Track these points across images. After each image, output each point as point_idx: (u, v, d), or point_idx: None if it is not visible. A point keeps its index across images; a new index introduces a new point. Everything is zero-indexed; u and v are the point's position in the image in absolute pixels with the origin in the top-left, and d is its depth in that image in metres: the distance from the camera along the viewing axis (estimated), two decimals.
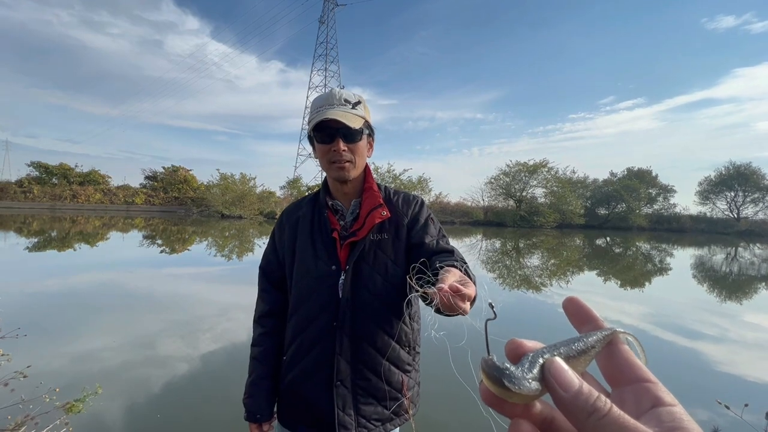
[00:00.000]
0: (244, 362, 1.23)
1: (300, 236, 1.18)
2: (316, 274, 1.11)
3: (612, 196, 38.66)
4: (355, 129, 1.07)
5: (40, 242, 11.91)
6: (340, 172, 1.10)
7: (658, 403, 0.23)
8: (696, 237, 31.23)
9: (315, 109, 1.09)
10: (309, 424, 1.11)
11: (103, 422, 2.45)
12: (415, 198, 1.25)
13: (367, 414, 1.07)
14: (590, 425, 0.21)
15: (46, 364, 3.20)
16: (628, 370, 0.26)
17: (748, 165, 39.89)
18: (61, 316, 4.66)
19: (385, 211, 1.12)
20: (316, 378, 1.09)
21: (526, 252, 14.76)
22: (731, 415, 1.05)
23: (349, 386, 1.07)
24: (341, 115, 1.05)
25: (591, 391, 0.22)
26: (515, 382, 0.22)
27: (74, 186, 36.45)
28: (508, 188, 36.84)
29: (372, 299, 1.09)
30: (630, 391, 0.25)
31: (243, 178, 33.89)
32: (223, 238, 15.85)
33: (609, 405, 0.21)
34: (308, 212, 1.21)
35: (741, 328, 5.32)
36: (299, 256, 1.16)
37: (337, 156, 1.08)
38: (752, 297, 7.69)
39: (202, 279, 7.46)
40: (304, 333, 1.12)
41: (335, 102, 1.08)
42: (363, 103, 1.15)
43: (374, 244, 1.12)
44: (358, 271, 1.09)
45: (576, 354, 0.25)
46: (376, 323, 1.09)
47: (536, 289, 7.41)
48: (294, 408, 1.13)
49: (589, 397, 0.22)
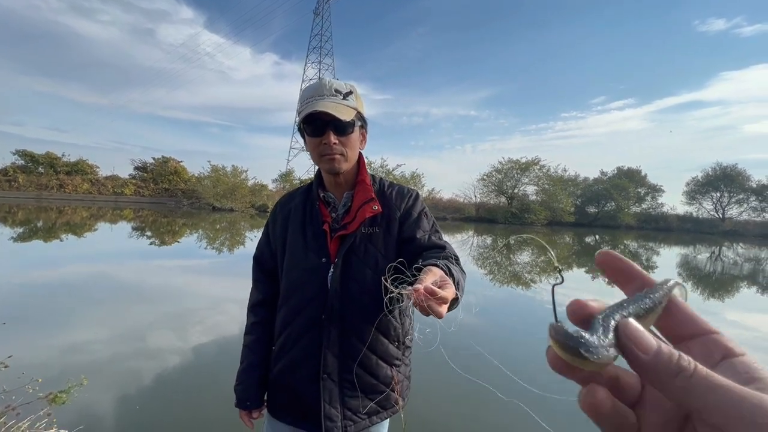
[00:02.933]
0: (234, 355, 1.23)
1: (291, 228, 1.17)
2: (305, 265, 1.11)
3: (602, 194, 39.14)
4: (347, 121, 1.03)
5: (25, 233, 11.67)
6: (331, 164, 1.08)
7: (728, 353, 0.22)
8: (682, 236, 31.83)
9: (304, 100, 1.05)
10: (296, 415, 1.11)
11: (88, 413, 2.42)
12: (410, 191, 1.21)
13: (353, 407, 1.07)
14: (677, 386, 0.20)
15: (30, 356, 3.15)
16: (691, 322, 0.25)
17: (734, 166, 40.66)
18: (46, 307, 4.58)
19: (377, 206, 1.10)
20: (303, 370, 1.08)
21: (517, 249, 14.90)
22: None
23: (336, 379, 1.06)
24: (331, 107, 1.01)
25: (672, 351, 0.21)
26: (593, 351, 0.21)
27: (61, 176, 35.65)
28: (500, 185, 37.10)
29: (361, 293, 1.07)
30: (695, 344, 0.24)
31: (235, 170, 33.54)
32: (214, 230, 15.70)
33: (694, 364, 0.20)
34: (300, 203, 1.20)
35: (723, 326, 5.44)
36: (290, 248, 1.15)
37: (327, 149, 1.06)
38: (734, 295, 7.89)
39: (192, 271, 7.39)
40: (292, 324, 1.11)
41: (325, 92, 1.04)
42: (355, 92, 1.10)
43: (365, 237, 1.10)
44: (347, 264, 1.08)
45: (644, 312, 0.24)
46: (364, 317, 1.07)
47: (525, 286, 7.50)
48: (281, 399, 1.14)
49: (672, 357, 0.21)
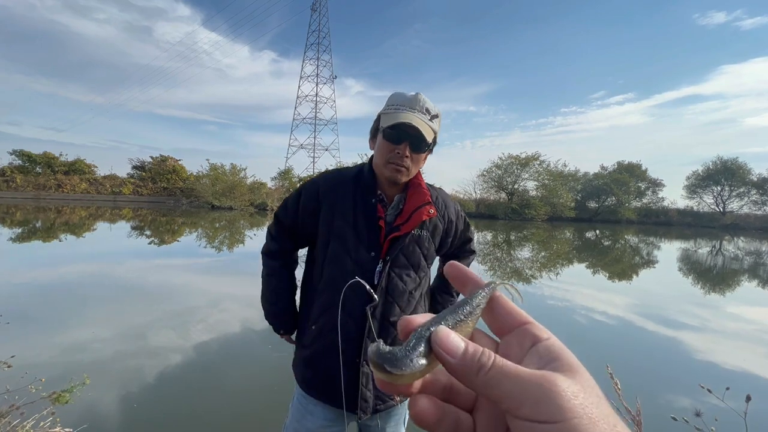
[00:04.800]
0: (236, 353, 1.23)
1: (339, 215, 1.18)
2: (355, 257, 1.14)
3: (602, 189, 39.10)
4: (426, 141, 1.09)
5: (24, 233, 11.66)
6: (395, 174, 1.13)
7: (536, 340, 0.25)
8: (683, 230, 31.86)
9: (394, 106, 1.10)
10: (329, 394, 1.16)
11: (92, 412, 2.42)
12: (455, 206, 1.33)
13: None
14: (480, 382, 0.22)
15: (33, 355, 3.14)
16: (509, 317, 0.27)
17: (734, 160, 40.54)
18: (47, 307, 4.58)
19: (433, 209, 1.17)
20: (342, 355, 1.12)
21: (517, 244, 14.90)
22: (714, 402, 1.08)
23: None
24: (420, 123, 1.06)
25: (476, 349, 0.23)
26: (397, 364, 0.22)
27: (59, 175, 35.50)
28: (500, 181, 37.01)
29: (404, 289, 1.17)
30: (513, 336, 0.26)
31: (233, 168, 33.41)
32: (213, 229, 15.69)
33: (492, 357, 0.22)
34: (350, 194, 1.20)
35: (724, 319, 5.47)
36: (338, 236, 1.17)
37: (398, 159, 1.11)
38: (735, 289, 7.90)
39: (192, 270, 7.39)
40: (334, 311, 1.13)
41: (417, 107, 1.09)
42: (439, 117, 1.17)
43: (414, 238, 1.18)
44: (396, 262, 1.16)
45: (464, 317, 0.26)
46: (403, 311, 1.17)
47: (526, 281, 7.50)
48: (316, 379, 1.19)
49: (474, 355, 0.22)
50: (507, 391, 0.20)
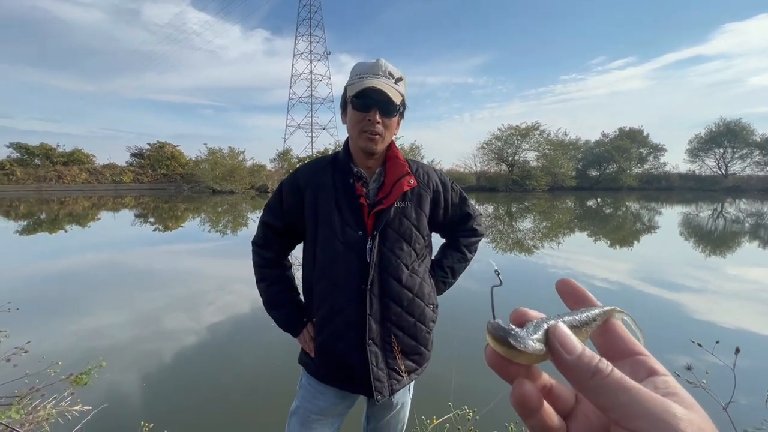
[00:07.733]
0: (247, 332, 1.27)
1: (322, 202, 1.18)
2: (343, 239, 1.15)
3: (603, 157, 38.71)
4: (394, 104, 1.09)
5: (30, 225, 11.75)
6: (369, 143, 1.12)
7: (652, 373, 0.25)
8: (684, 194, 31.76)
9: (357, 75, 1.10)
10: (343, 380, 1.18)
11: (110, 393, 2.53)
12: (440, 176, 1.32)
13: (396, 367, 1.17)
14: (593, 386, 0.22)
15: (47, 341, 3.25)
16: (624, 344, 0.27)
17: (738, 121, 39.87)
18: (57, 295, 4.69)
19: (413, 180, 1.17)
20: (348, 338, 1.14)
21: (519, 216, 14.93)
22: (711, 360, 1.13)
23: (380, 344, 1.16)
24: (386, 86, 1.06)
25: (593, 355, 0.23)
26: (520, 340, 0.23)
27: (58, 166, 35.32)
28: (500, 153, 36.65)
29: (398, 263, 1.16)
30: (626, 363, 0.26)
31: (232, 152, 33.10)
32: (216, 213, 15.76)
33: (611, 367, 0.22)
34: (329, 178, 1.20)
35: (723, 280, 5.54)
36: (324, 222, 1.17)
37: (369, 126, 1.10)
38: (735, 251, 7.96)
39: (198, 254, 7.49)
40: (333, 296, 1.16)
41: (380, 72, 1.09)
42: (404, 80, 1.16)
43: (399, 211, 1.17)
44: (384, 236, 1.15)
45: (578, 324, 0.26)
46: (401, 285, 1.16)
47: (528, 252, 7.57)
48: (329, 366, 1.20)
49: (592, 359, 0.23)
50: (622, 403, 0.21)
